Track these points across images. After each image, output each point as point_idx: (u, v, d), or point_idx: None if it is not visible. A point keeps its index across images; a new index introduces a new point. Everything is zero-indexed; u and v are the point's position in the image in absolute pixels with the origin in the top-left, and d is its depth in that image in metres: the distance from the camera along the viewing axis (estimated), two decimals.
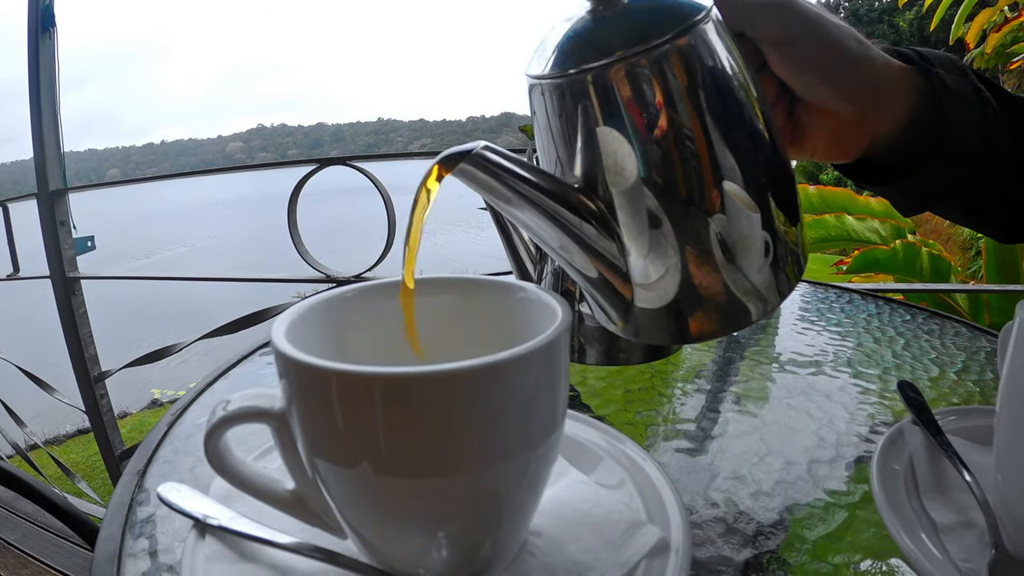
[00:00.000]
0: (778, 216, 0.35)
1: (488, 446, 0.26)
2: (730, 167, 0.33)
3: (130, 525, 0.39)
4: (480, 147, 0.31)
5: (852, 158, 0.43)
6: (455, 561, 0.29)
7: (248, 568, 0.30)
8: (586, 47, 0.33)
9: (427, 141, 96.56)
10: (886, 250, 2.72)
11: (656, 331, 0.37)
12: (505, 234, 0.62)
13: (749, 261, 0.35)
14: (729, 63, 0.34)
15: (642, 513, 0.33)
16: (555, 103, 0.34)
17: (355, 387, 0.24)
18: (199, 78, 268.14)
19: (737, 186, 0.33)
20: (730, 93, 0.34)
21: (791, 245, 0.37)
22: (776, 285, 0.36)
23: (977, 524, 0.36)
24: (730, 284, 0.35)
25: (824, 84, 0.38)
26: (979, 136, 0.40)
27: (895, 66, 0.40)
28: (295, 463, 0.28)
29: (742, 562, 0.36)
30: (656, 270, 0.34)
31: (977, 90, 0.40)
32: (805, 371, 0.61)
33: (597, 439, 0.40)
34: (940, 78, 0.40)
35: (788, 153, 0.38)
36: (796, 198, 0.37)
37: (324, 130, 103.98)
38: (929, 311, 0.83)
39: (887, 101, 0.40)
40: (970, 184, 0.42)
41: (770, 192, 0.35)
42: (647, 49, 0.31)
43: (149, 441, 0.50)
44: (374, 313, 0.33)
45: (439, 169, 0.31)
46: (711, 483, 0.43)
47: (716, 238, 0.33)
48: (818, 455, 0.47)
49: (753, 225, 0.34)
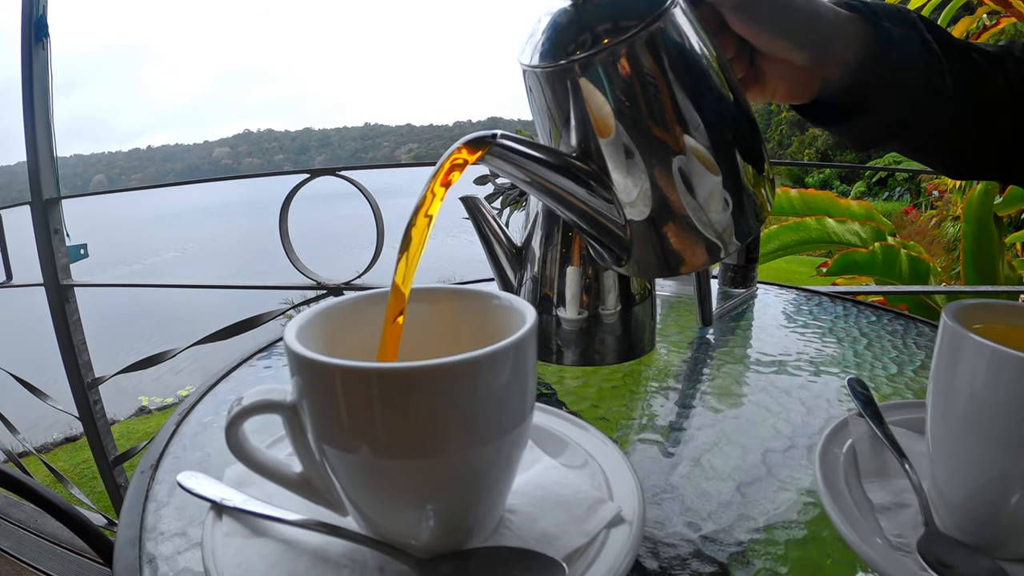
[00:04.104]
0: (744, 168, 0.43)
1: (467, 431, 0.30)
2: (698, 127, 0.40)
3: (147, 513, 0.44)
4: (498, 133, 0.38)
5: (807, 99, 0.48)
6: (441, 533, 0.34)
7: (261, 542, 0.35)
8: (571, 38, 0.40)
9: (414, 146, 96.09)
10: (865, 252, 2.78)
11: (650, 266, 0.45)
12: (487, 244, 0.67)
13: (717, 204, 0.42)
14: (695, 40, 0.40)
15: (604, 491, 0.38)
16: (547, 87, 0.41)
17: (356, 380, 0.29)
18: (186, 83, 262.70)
19: (705, 143, 0.40)
20: (697, 66, 0.40)
21: (754, 191, 0.44)
22: (742, 225, 0.44)
23: (911, 505, 0.40)
24: (704, 224, 0.43)
25: (778, 38, 0.44)
26: (920, 80, 0.45)
27: (843, 17, 0.45)
28: (304, 448, 0.33)
29: (697, 537, 0.40)
30: (642, 214, 0.42)
31: (923, 40, 0.45)
32: (769, 370, 0.66)
33: (567, 429, 0.45)
34: (884, 28, 0.45)
35: (752, 96, 0.47)
36: (761, 148, 0.44)
37: (311, 135, 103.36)
38: (895, 312, 0.88)
39: (836, 49, 0.45)
40: (912, 123, 0.47)
41: (736, 145, 0.42)
42: (624, 39, 0.38)
43: (159, 439, 0.54)
44: (370, 319, 0.38)
45: (466, 150, 0.37)
46: (673, 470, 0.48)
47: (690, 186, 0.41)
48: (773, 445, 0.51)
49: (720, 175, 0.42)
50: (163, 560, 0.38)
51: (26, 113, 1.84)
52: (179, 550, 0.39)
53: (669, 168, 0.41)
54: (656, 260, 0.45)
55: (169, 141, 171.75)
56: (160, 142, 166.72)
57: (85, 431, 1.94)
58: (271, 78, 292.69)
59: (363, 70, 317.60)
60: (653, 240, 0.44)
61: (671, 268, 0.45)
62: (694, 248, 0.44)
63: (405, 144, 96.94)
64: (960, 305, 0.39)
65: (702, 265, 0.45)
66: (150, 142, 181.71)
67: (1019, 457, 0.34)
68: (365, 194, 1.47)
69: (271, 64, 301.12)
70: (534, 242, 0.64)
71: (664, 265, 0.45)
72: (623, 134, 0.40)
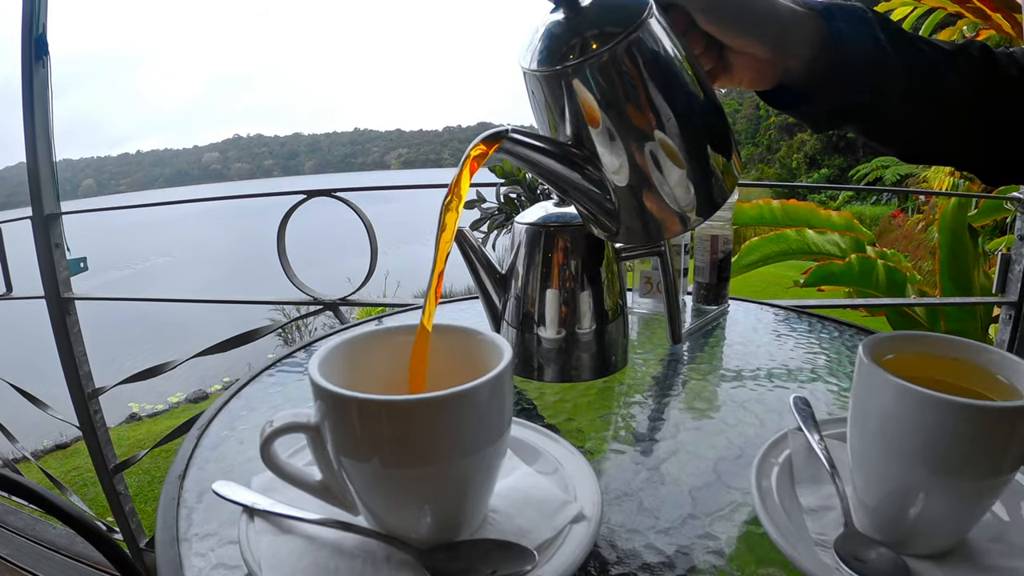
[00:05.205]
0: (711, 151, 0.52)
1: (457, 445, 0.38)
2: (670, 118, 0.49)
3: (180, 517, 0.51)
4: (509, 128, 0.48)
5: (769, 86, 0.55)
6: (437, 527, 0.42)
7: (288, 538, 0.42)
8: (563, 46, 0.48)
9: (404, 151, 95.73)
10: (841, 264, 2.86)
11: (636, 234, 0.55)
12: (474, 271, 0.73)
13: (684, 183, 0.51)
14: (668, 44, 0.48)
15: (570, 494, 0.46)
16: (545, 88, 0.50)
17: (369, 409, 0.37)
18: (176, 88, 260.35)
19: (675, 131, 0.49)
20: (669, 66, 0.49)
21: (721, 171, 0.53)
22: (709, 199, 0.53)
23: (836, 508, 0.46)
24: (672, 199, 0.52)
25: (742, 35, 0.51)
26: (868, 71, 0.51)
27: (800, 15, 0.51)
28: (324, 460, 0.41)
29: (649, 532, 0.48)
30: (626, 191, 0.52)
31: (874, 37, 0.51)
32: (730, 384, 0.74)
33: (541, 441, 0.53)
34: (837, 25, 0.51)
35: (722, 83, 0.55)
36: (727, 132, 0.53)
37: (300, 140, 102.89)
38: (856, 327, 0.95)
39: (793, 43, 0.51)
40: (862, 110, 0.54)
41: (704, 131, 0.51)
42: (608, 48, 0.46)
43: (183, 452, 0.60)
44: (380, 350, 0.46)
45: (484, 145, 0.47)
46: (635, 476, 0.55)
47: (661, 168, 0.50)
48: (725, 454, 0.59)
49: (687, 157, 0.50)
50: (198, 556, 0.45)
51: (27, 130, 1.87)
52: (212, 548, 0.46)
53: (644, 152, 0.49)
54: (640, 229, 0.54)
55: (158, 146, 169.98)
56: (149, 147, 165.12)
57: (85, 440, 1.98)
58: (260, 83, 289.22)
59: (353, 75, 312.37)
60: (636, 212, 0.53)
61: (652, 236, 0.54)
62: (670, 218, 0.53)
63: (395, 149, 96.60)
64: (875, 339, 0.46)
65: (677, 233, 0.54)
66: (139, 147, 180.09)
67: (918, 470, 0.40)
68: (359, 214, 1.54)
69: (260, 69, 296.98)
70: (517, 267, 0.71)
71: (647, 233, 0.54)
72: (609, 125, 0.49)
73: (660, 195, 0.51)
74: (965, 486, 0.40)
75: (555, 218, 0.69)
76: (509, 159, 0.50)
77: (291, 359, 0.84)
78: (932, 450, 0.39)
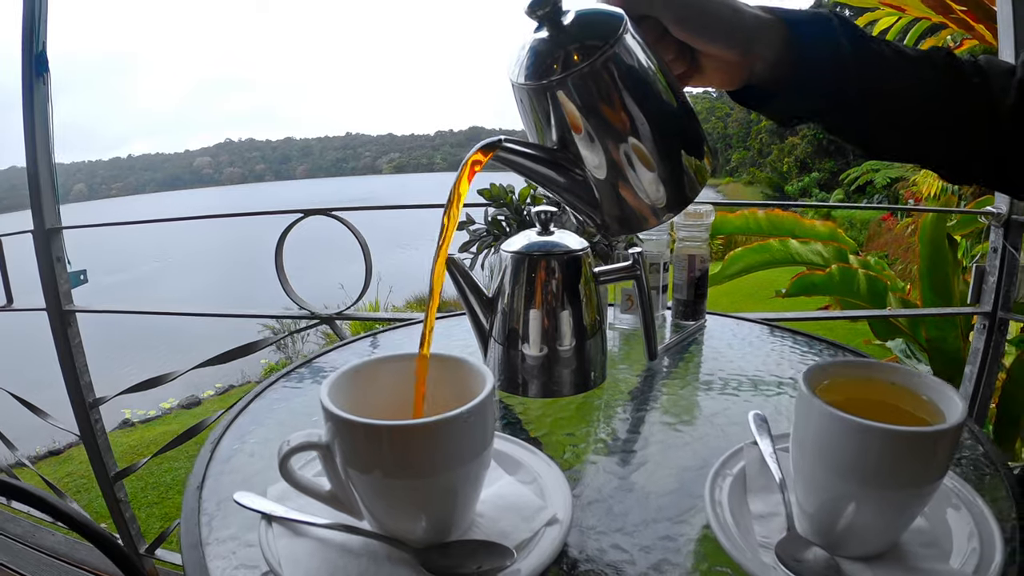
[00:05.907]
0: (682, 152, 0.57)
1: (447, 460, 0.46)
2: (643, 123, 0.54)
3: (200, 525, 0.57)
4: (503, 138, 0.53)
5: (737, 86, 0.59)
6: (430, 529, 0.49)
7: (303, 540, 0.50)
8: (547, 60, 0.53)
9: (395, 155, 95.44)
10: (822, 274, 2.92)
11: (617, 227, 0.59)
12: (462, 293, 0.78)
13: (654, 181, 0.56)
14: (642, 57, 0.53)
15: (545, 500, 0.54)
16: (532, 99, 0.55)
17: (373, 432, 0.44)
18: (167, 92, 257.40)
19: (648, 135, 0.54)
20: (643, 77, 0.53)
21: (693, 168, 0.58)
22: (681, 194, 0.58)
23: (782, 514, 0.51)
24: (645, 194, 0.57)
25: (710, 41, 0.55)
26: (827, 73, 0.55)
27: (764, 21, 0.55)
28: (333, 472, 0.48)
29: (615, 534, 0.54)
30: (606, 188, 0.56)
31: (836, 42, 0.55)
32: (701, 398, 0.80)
33: (521, 454, 0.61)
34: (799, 31, 0.55)
35: (694, 84, 0.60)
36: (698, 132, 0.58)
37: (292, 144, 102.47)
38: (827, 342, 1.01)
39: (758, 48, 0.55)
40: (823, 109, 0.58)
41: (676, 133, 0.56)
42: (588, 63, 0.51)
43: (199, 465, 0.66)
44: (380, 376, 0.54)
45: (480, 153, 0.52)
46: (606, 484, 0.62)
47: (635, 167, 0.55)
48: (689, 464, 0.65)
49: (658, 159, 0.55)
50: (221, 559, 0.52)
51: (27, 144, 1.89)
52: (233, 551, 0.52)
53: (621, 153, 0.55)
54: (620, 221, 0.59)
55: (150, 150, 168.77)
56: (140, 151, 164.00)
57: (86, 448, 2.02)
58: (252, 88, 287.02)
59: (344, 79, 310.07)
60: (616, 206, 0.58)
61: (632, 227, 0.59)
62: (645, 212, 0.58)
63: (387, 153, 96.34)
64: (815, 367, 0.52)
65: (653, 225, 0.59)
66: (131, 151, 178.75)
67: (848, 483, 0.46)
68: (355, 233, 1.59)
69: (252, 73, 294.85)
70: (503, 290, 0.77)
71: (627, 225, 0.59)
72: (590, 130, 0.54)
73: (632, 191, 0.56)
74: (889, 497, 0.46)
75: (538, 246, 0.75)
76: (504, 164, 0.55)
77: (294, 374, 0.90)
78: (858, 467, 0.45)
